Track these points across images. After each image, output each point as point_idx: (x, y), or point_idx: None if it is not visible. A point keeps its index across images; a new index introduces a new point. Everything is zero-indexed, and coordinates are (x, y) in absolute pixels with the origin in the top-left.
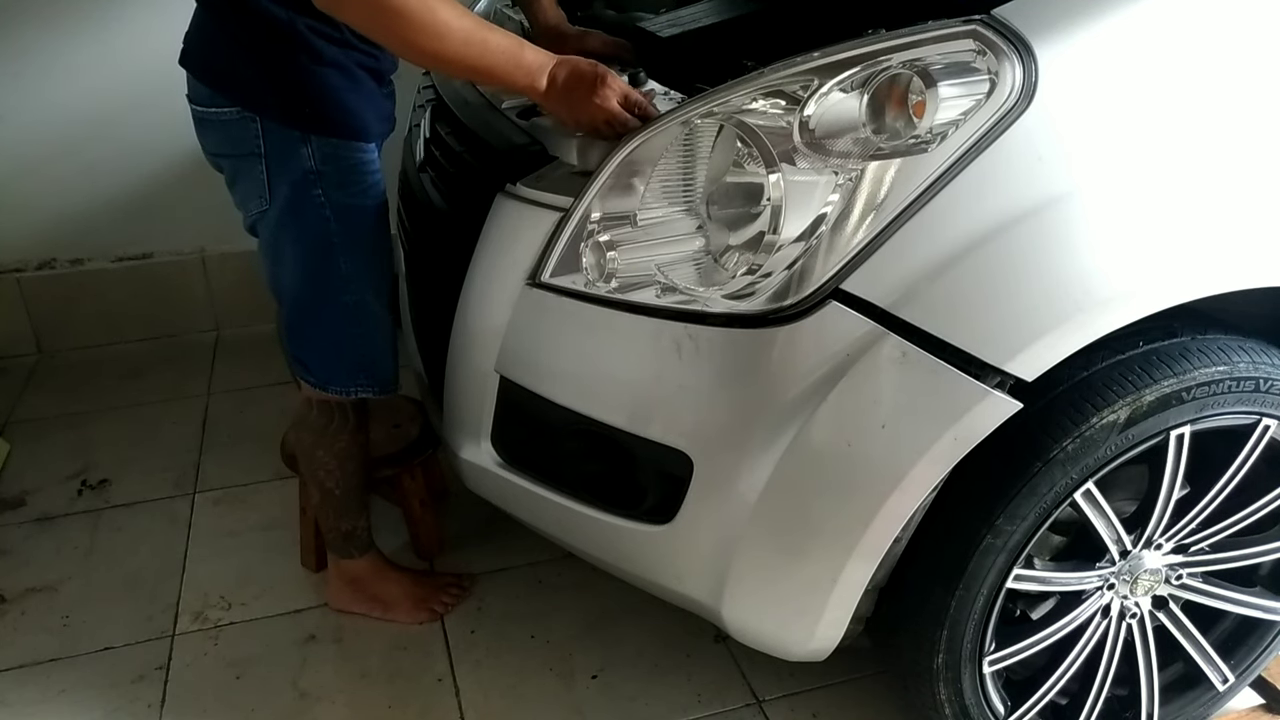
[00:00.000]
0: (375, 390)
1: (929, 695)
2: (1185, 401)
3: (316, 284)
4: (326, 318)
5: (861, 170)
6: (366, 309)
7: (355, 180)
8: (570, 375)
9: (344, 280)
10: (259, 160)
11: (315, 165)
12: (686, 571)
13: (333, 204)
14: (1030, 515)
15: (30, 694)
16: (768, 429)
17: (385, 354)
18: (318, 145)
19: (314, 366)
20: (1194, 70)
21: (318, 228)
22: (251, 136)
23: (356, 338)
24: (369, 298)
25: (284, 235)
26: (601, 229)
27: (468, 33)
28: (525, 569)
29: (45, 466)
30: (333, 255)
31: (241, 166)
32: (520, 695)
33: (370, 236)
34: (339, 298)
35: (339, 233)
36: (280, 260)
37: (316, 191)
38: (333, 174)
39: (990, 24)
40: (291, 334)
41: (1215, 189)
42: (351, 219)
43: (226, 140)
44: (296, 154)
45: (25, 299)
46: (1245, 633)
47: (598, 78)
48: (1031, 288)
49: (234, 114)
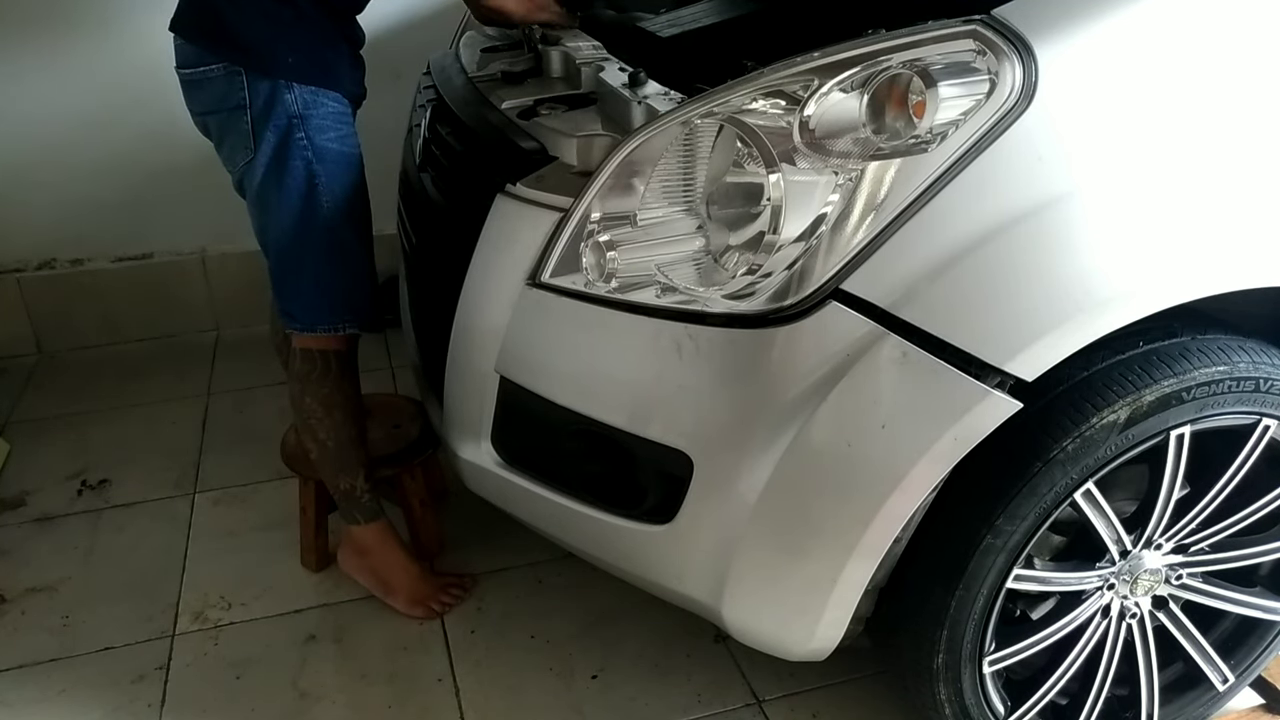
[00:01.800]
0: (359, 325)
1: (929, 695)
2: (1185, 401)
3: (301, 223)
4: (310, 257)
5: (861, 170)
6: (348, 247)
7: (333, 126)
8: (570, 375)
9: (326, 218)
10: (244, 112)
11: (298, 109)
12: (686, 571)
13: (315, 147)
14: (1030, 515)
15: (30, 694)
16: (768, 429)
17: (367, 291)
18: (299, 92)
19: (299, 310)
20: (1194, 70)
21: (301, 169)
22: (237, 89)
23: (339, 274)
24: (349, 236)
25: (270, 180)
26: (601, 229)
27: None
28: (525, 569)
29: (45, 466)
30: (315, 195)
31: (228, 122)
32: (520, 695)
33: (349, 178)
34: (322, 236)
35: (321, 174)
36: (267, 206)
37: (300, 135)
38: (314, 118)
39: (990, 24)
40: (278, 282)
41: (1215, 189)
42: (331, 161)
43: (213, 97)
44: (280, 100)
45: (25, 299)
46: (1245, 633)
47: None
48: (1031, 288)
49: (220, 70)
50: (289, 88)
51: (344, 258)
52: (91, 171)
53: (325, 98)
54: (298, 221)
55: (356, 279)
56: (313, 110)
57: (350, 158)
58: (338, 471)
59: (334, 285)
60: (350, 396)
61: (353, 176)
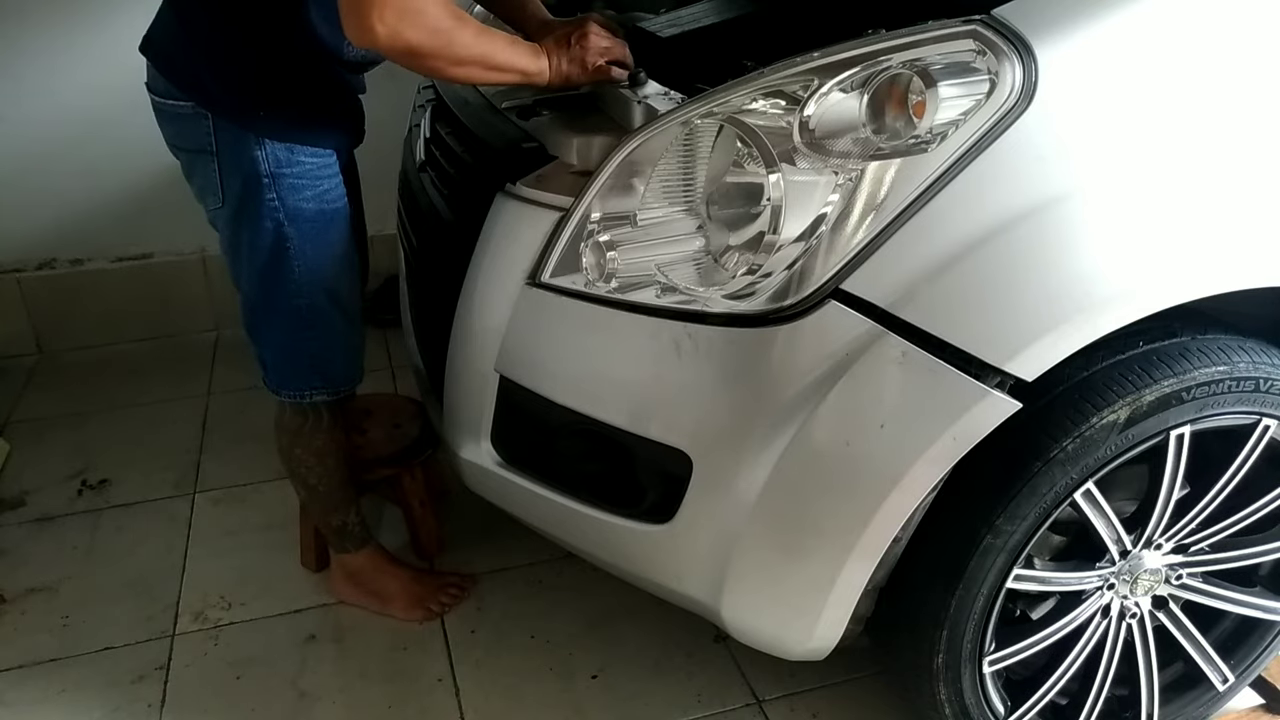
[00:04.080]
0: (329, 393)
1: (929, 695)
2: (1185, 401)
3: (269, 286)
4: (279, 320)
5: (861, 170)
6: (320, 312)
7: (311, 184)
8: (570, 375)
9: (297, 284)
10: (211, 158)
11: (268, 169)
12: (686, 571)
13: (287, 208)
14: (1030, 515)
15: (30, 694)
16: (767, 428)
17: (339, 357)
18: (271, 149)
19: (269, 367)
20: (1194, 70)
21: (270, 231)
22: (203, 133)
23: (309, 340)
24: (323, 301)
25: (238, 235)
26: (601, 229)
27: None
28: (525, 569)
29: (45, 466)
30: (286, 259)
31: (195, 162)
32: (520, 695)
33: (327, 238)
34: (291, 301)
35: (293, 236)
36: (236, 258)
37: (270, 195)
38: (286, 177)
39: (990, 24)
40: (249, 332)
41: (1215, 189)
42: (307, 221)
43: (181, 134)
44: (249, 155)
45: (25, 299)
46: (1245, 633)
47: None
48: (1031, 288)
49: (189, 108)
50: (259, 144)
51: (315, 324)
52: (91, 171)
53: (303, 154)
54: (266, 283)
55: (328, 346)
56: (286, 169)
57: (330, 215)
58: (329, 511)
59: (302, 350)
60: (341, 442)
61: (331, 236)
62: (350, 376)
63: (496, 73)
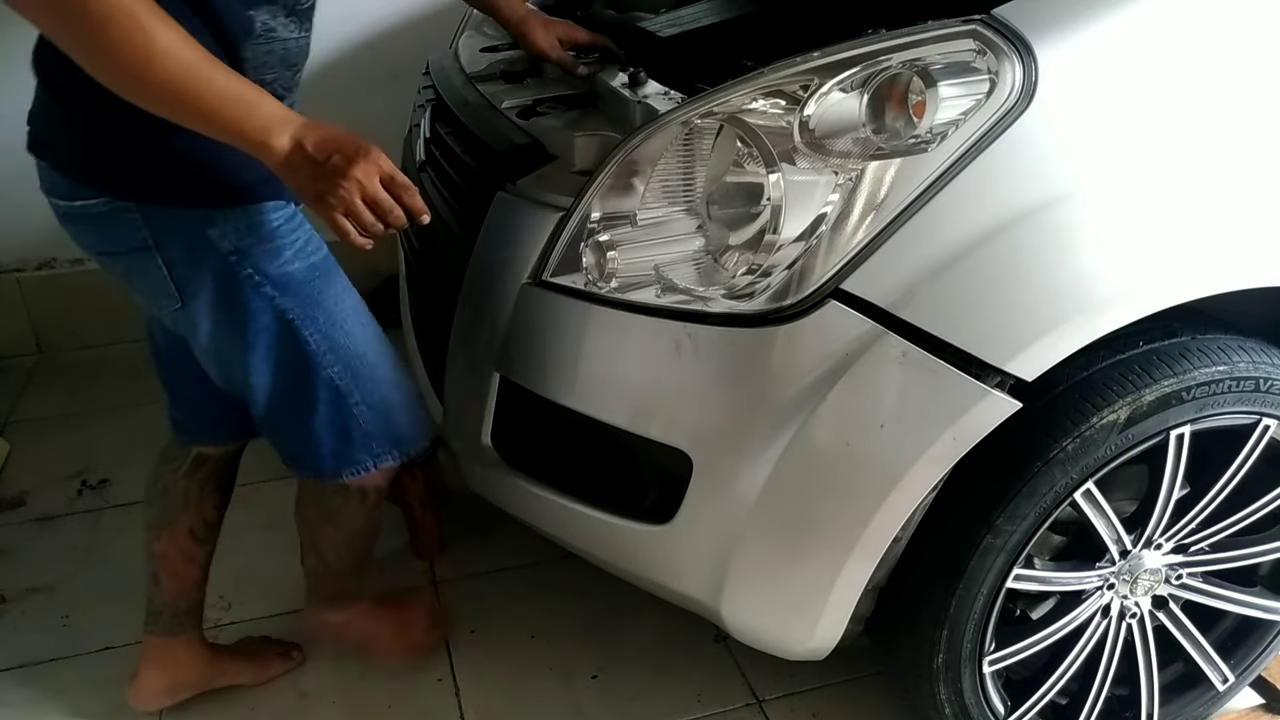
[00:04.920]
0: (401, 454)
1: (929, 695)
2: (1185, 401)
3: (289, 372)
4: (315, 402)
5: (861, 170)
6: (358, 373)
7: (288, 243)
8: (570, 375)
9: (320, 355)
10: (151, 255)
11: (232, 244)
12: (686, 571)
13: (272, 279)
14: (1030, 515)
15: (30, 694)
16: (767, 428)
17: (401, 410)
18: (226, 219)
19: (315, 459)
20: (1194, 70)
21: (265, 312)
22: (133, 229)
23: (358, 408)
24: (356, 361)
25: (224, 333)
26: (601, 229)
27: (188, 63)
28: (525, 569)
29: (45, 466)
30: (295, 334)
31: (134, 265)
32: (520, 695)
33: (330, 292)
34: (321, 374)
35: (293, 308)
36: (230, 360)
37: (247, 272)
38: (257, 245)
39: (990, 24)
40: (276, 431)
41: (1215, 189)
42: (300, 284)
43: (104, 237)
44: (201, 238)
45: (25, 299)
46: (1245, 632)
47: (360, 149)
48: (1031, 288)
49: (103, 205)
50: (208, 219)
51: (357, 387)
52: None
53: (263, 213)
54: (284, 370)
55: (383, 402)
56: (252, 236)
57: (320, 267)
58: (333, 584)
59: (355, 422)
60: (379, 520)
61: (333, 287)
62: (420, 430)
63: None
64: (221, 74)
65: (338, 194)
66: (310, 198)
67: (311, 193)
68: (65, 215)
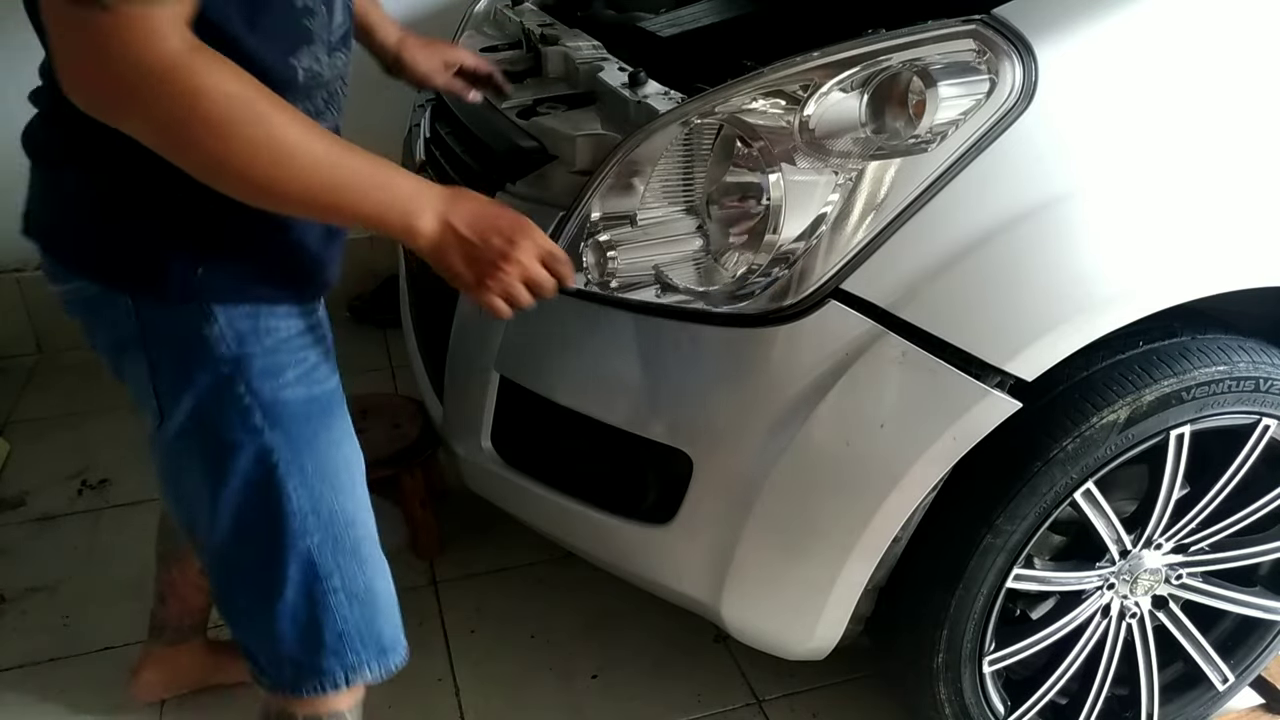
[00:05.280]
0: (378, 667)
1: (929, 695)
2: (1185, 401)
3: (256, 538)
4: (284, 583)
5: (861, 170)
6: (345, 543)
7: (293, 361)
8: (570, 375)
9: (300, 517)
10: (139, 352)
11: (230, 349)
12: (686, 571)
13: (264, 405)
14: (1030, 515)
15: (30, 694)
16: (767, 428)
17: (383, 606)
18: (229, 320)
19: (270, 660)
20: (1194, 70)
21: (244, 446)
22: (122, 318)
23: (331, 596)
24: (343, 527)
25: (188, 460)
26: (601, 229)
27: (321, 154)
28: (525, 569)
29: (45, 466)
30: (275, 485)
31: (123, 361)
32: (520, 695)
33: (327, 437)
34: (297, 544)
35: (279, 448)
36: (191, 495)
37: (238, 390)
38: (258, 357)
39: (990, 24)
40: (227, 605)
41: (1215, 189)
42: (294, 420)
43: (98, 325)
44: (197, 337)
45: (25, 299)
46: (1245, 632)
47: (517, 228)
48: (1031, 288)
49: (95, 291)
50: (208, 316)
51: (337, 568)
52: None
53: (275, 317)
54: (249, 528)
55: (372, 589)
56: (254, 345)
57: (322, 401)
58: None
59: (326, 615)
60: None
61: (332, 430)
62: (402, 640)
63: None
64: (351, 157)
65: (498, 279)
66: (467, 284)
67: (469, 279)
68: (65, 303)
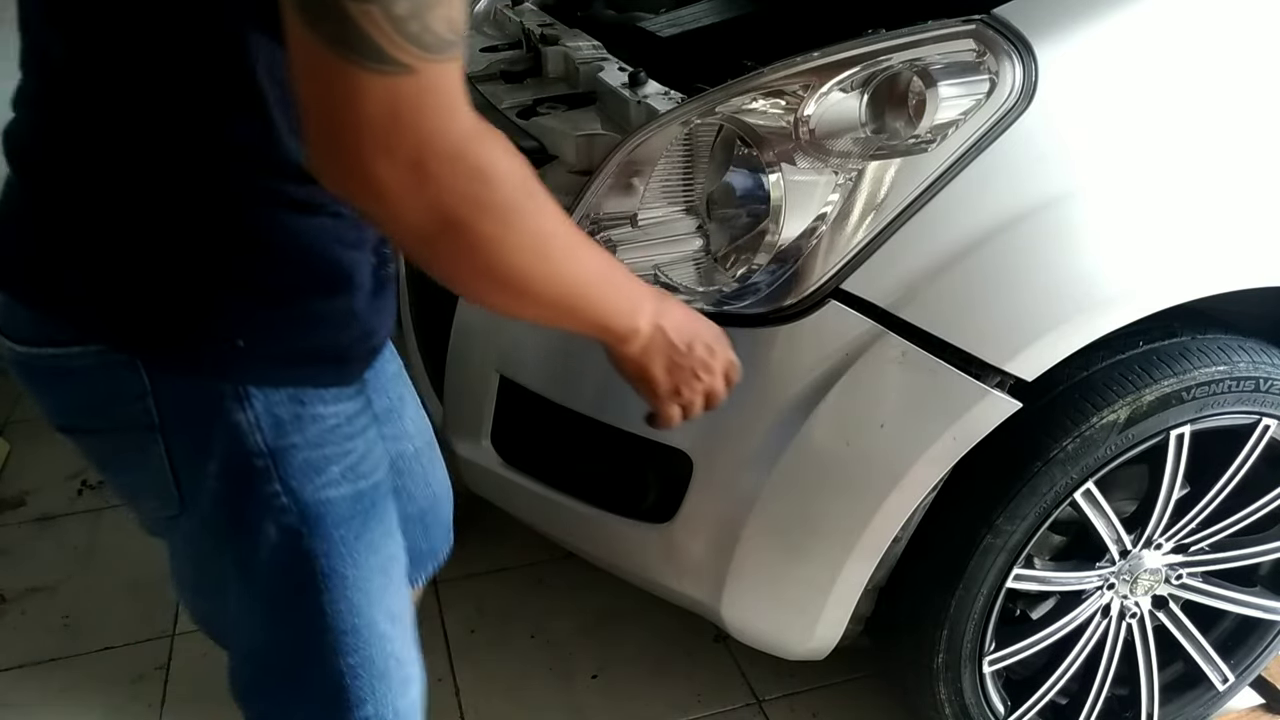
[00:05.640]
0: None
1: (929, 695)
2: (1185, 401)
3: (291, 647)
4: (306, 699)
5: (861, 170)
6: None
7: (338, 454)
8: (570, 375)
9: (338, 632)
10: (154, 438)
11: (262, 443)
12: (686, 571)
13: (304, 505)
14: (1030, 515)
15: (30, 694)
16: (767, 428)
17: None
18: (267, 407)
19: None
20: (1194, 70)
21: (278, 548)
22: (131, 396)
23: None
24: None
25: (215, 561)
26: (601, 229)
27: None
28: (525, 569)
29: (45, 466)
30: (311, 596)
31: (121, 447)
32: (520, 695)
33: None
34: (328, 662)
35: (319, 553)
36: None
37: (271, 488)
38: (297, 452)
39: (990, 24)
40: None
41: (1215, 189)
42: (338, 525)
43: (79, 402)
44: (228, 424)
45: None
46: (1245, 632)
47: (719, 338)
48: (1031, 287)
49: (90, 356)
50: (243, 401)
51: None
52: None
53: (322, 404)
54: (285, 643)
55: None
56: (297, 434)
57: (370, 497)
58: None
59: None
60: None
61: (375, 529)
62: None
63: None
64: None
65: (694, 389)
66: (662, 391)
67: (666, 386)
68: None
